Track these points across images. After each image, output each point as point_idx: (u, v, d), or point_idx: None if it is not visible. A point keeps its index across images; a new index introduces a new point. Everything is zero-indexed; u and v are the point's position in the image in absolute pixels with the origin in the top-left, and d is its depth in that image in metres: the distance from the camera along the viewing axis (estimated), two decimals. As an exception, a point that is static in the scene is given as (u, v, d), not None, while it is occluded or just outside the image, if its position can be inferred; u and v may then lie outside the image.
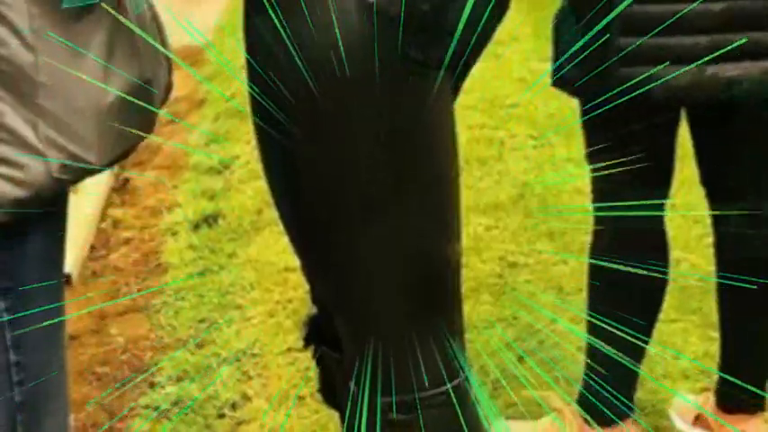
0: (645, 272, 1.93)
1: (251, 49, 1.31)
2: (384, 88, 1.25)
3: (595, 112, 1.75)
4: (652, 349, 2.07)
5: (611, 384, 1.98)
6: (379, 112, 1.27)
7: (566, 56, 1.77)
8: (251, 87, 1.31)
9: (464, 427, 1.36)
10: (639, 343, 1.97)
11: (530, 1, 4.28)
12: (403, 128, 1.29)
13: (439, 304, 1.37)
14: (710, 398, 2.12)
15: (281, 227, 1.41)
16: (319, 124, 1.27)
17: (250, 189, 3.36)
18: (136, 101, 1.28)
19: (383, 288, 1.34)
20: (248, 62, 1.31)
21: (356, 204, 1.31)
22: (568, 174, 3.33)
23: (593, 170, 2.01)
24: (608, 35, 1.70)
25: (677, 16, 1.67)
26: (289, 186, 1.35)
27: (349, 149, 1.27)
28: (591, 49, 1.70)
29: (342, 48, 1.23)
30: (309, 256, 1.39)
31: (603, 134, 1.89)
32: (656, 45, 1.70)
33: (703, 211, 2.01)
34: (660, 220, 2.00)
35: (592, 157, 1.98)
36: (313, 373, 1.65)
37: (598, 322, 1.97)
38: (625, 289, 2.00)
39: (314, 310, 1.48)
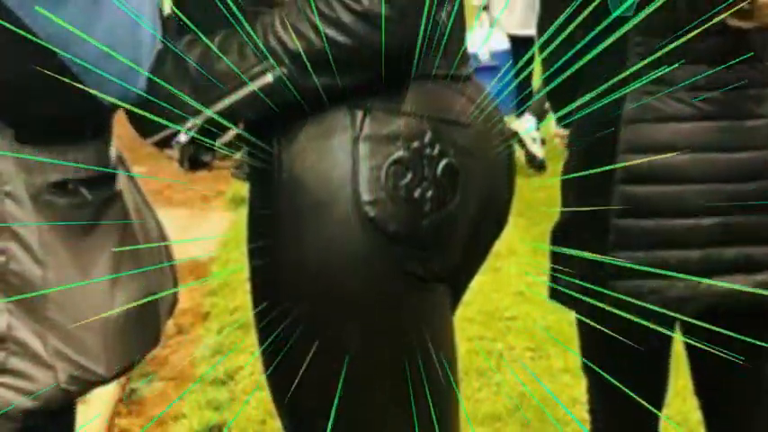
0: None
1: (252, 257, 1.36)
2: (384, 302, 1.30)
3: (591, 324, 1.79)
4: None
5: None
6: (378, 327, 1.31)
7: (562, 270, 1.83)
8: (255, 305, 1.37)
9: None
10: None
11: (528, 216, 4.42)
12: (403, 340, 1.33)
13: None
14: None
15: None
16: (320, 337, 1.30)
17: (254, 400, 3.37)
18: (142, 314, 1.34)
19: None
20: (252, 282, 1.38)
21: (356, 416, 1.33)
22: (565, 384, 3.37)
23: (590, 380, 2.05)
24: (603, 250, 1.76)
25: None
26: (291, 401, 1.37)
27: (348, 363, 1.29)
28: (587, 263, 1.76)
29: (342, 262, 1.28)
30: None
31: (599, 346, 1.94)
32: (649, 259, 1.74)
33: (696, 421, 2.02)
34: (655, 427, 2.03)
35: (588, 369, 2.02)
36: None
37: None
38: None
39: None
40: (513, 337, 3.82)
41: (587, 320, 1.82)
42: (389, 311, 1.31)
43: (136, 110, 1.30)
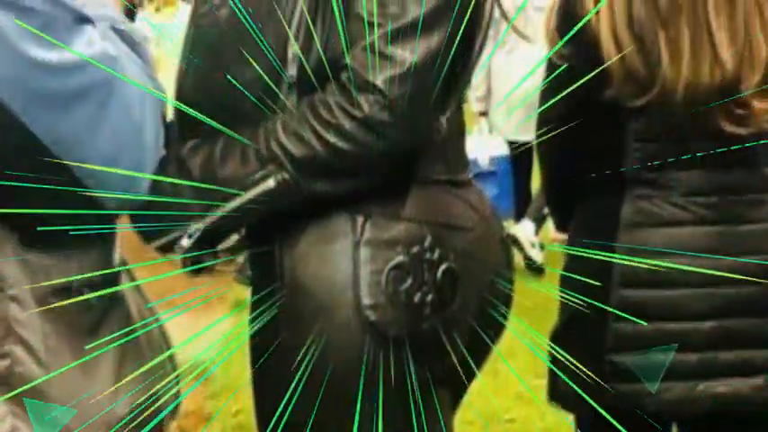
0: None
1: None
2: (385, 405, 1.30)
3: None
4: None
5: None
6: (380, 430, 1.31)
7: (561, 372, 1.83)
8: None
9: None
10: None
11: (526, 319, 4.41)
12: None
13: None
14: None
15: None
16: None
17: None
18: (145, 416, 1.33)
19: None
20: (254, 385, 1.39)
21: None
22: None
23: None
24: (602, 353, 1.77)
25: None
26: None
27: None
28: (586, 365, 1.74)
29: (343, 365, 1.29)
30: None
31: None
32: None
33: None
34: None
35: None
36: None
37: None
38: None
39: None
40: (513, 440, 3.80)
41: (586, 423, 1.82)
42: (391, 414, 1.31)
43: (139, 214, 1.32)
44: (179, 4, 7.07)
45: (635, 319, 1.74)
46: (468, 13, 1.32)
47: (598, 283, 1.76)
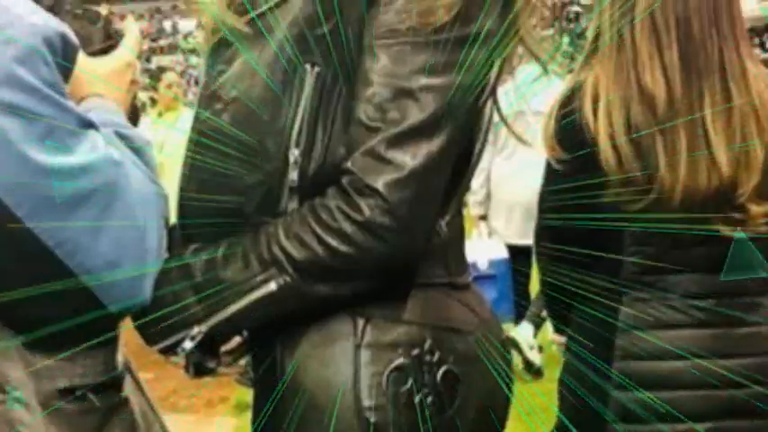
0: None
1: None
2: None
3: None
4: None
5: None
6: None
7: None
8: None
9: None
10: None
11: (526, 421, 4.37)
12: None
13: None
14: None
15: None
16: None
17: None
18: None
19: None
20: None
21: None
22: None
23: None
24: None
25: None
26: None
27: None
28: None
29: None
30: None
31: None
32: None
33: None
34: None
35: None
36: None
37: None
38: None
39: None
40: None
41: None
42: None
43: (142, 316, 1.33)
44: (182, 109, 7.17)
45: (633, 421, 1.74)
46: (468, 118, 1.34)
47: (596, 386, 1.76)
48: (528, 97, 1.49)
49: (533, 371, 5.85)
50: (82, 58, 1.36)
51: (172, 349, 1.34)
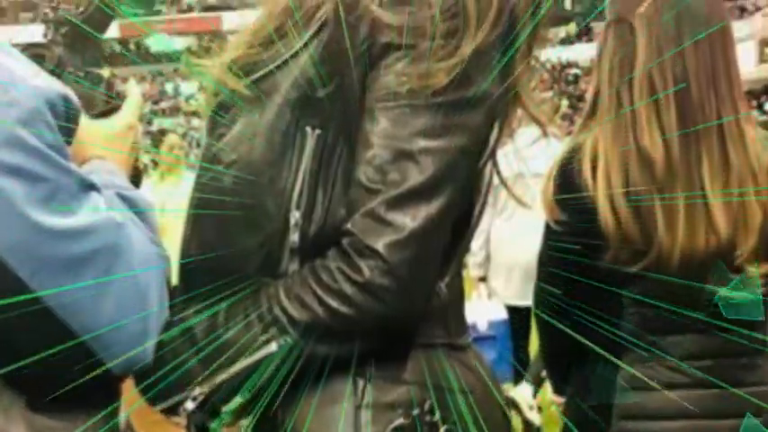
0: None
1: None
2: None
3: None
4: None
5: None
6: None
7: None
8: None
9: None
10: None
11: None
12: None
13: None
14: None
15: None
16: None
17: None
18: None
19: None
20: None
21: None
22: None
23: None
24: None
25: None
26: None
27: None
28: None
29: None
30: None
31: None
32: None
33: None
34: None
35: None
36: None
37: None
38: None
39: None
40: None
41: None
42: None
43: (144, 377, 1.33)
44: (183, 171, 7.19)
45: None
46: (468, 181, 1.35)
47: None
48: (527, 160, 1.50)
49: (533, 431, 5.81)
50: (84, 120, 1.38)
51: (174, 409, 1.33)
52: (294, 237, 1.33)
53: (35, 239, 1.18)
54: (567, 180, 1.88)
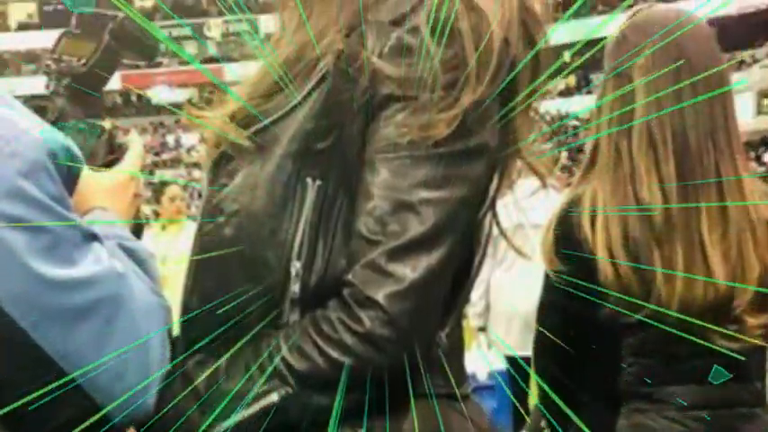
0: None
1: None
2: None
3: None
4: None
5: None
6: None
7: None
8: None
9: None
10: None
11: None
12: None
13: None
14: None
15: None
16: None
17: None
18: None
19: None
20: None
21: None
22: None
23: None
24: None
25: None
26: None
27: None
28: None
29: None
30: None
31: None
32: None
33: None
34: None
35: None
36: None
37: None
38: None
39: None
40: None
41: None
42: None
43: (145, 427, 1.33)
44: (184, 222, 7.21)
45: None
46: (468, 232, 1.36)
47: None
48: (527, 210, 1.51)
49: (533, 482, 5.78)
50: (86, 171, 1.39)
51: (174, 461, 1.33)
52: (295, 287, 1.33)
53: (37, 290, 1.18)
54: (566, 231, 1.89)
